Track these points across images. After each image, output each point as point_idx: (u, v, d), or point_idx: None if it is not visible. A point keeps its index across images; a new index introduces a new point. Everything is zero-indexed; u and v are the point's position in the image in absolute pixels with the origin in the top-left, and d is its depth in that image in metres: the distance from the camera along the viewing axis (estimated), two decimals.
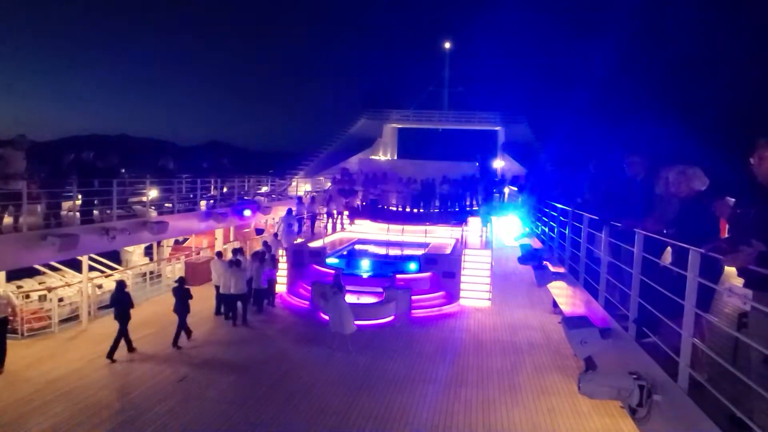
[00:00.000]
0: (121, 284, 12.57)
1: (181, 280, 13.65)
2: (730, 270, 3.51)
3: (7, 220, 9.78)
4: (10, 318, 12.28)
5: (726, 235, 4.46)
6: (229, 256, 16.50)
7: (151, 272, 18.48)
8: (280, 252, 18.60)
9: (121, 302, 12.28)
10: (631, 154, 6.04)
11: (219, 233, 20.92)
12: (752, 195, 3.39)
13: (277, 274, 17.69)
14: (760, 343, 3.02)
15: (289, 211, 20.38)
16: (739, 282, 3.37)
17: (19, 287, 14.31)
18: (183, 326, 13.13)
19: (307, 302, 16.66)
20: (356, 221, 23.63)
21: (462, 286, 17.63)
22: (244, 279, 14.94)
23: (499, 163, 34.40)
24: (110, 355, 11.84)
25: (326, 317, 13.48)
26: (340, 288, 13.09)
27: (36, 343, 12.75)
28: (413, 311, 16.02)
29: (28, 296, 13.91)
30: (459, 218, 22.90)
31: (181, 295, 13.14)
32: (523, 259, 12.02)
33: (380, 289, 16.20)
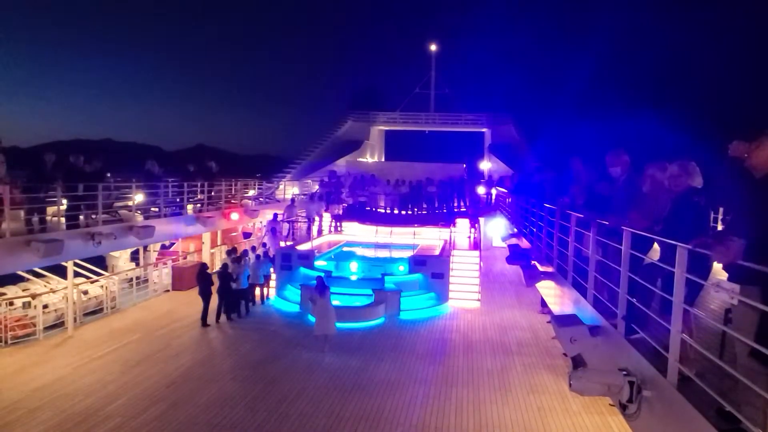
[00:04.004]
0: (203, 266, 15.48)
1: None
2: (718, 265, 3.56)
3: None
4: None
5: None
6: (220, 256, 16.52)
7: (138, 277, 18.27)
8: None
9: (203, 281, 14.72)
10: (612, 156, 6.09)
11: (206, 237, 20.76)
12: (743, 187, 3.44)
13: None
14: (745, 336, 3.07)
15: (275, 216, 20.44)
16: (725, 276, 3.42)
17: (2, 294, 14.07)
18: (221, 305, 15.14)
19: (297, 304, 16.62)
20: (344, 224, 23.60)
21: (451, 287, 17.69)
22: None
23: (485, 165, 34.61)
24: (205, 323, 14.63)
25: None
26: (325, 290, 13.07)
27: (20, 351, 12.53)
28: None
29: (11, 303, 13.68)
30: (447, 220, 22.98)
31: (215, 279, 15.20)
32: (511, 259, 12.12)
33: (370, 291, 16.20)
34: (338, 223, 23.34)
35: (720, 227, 9.31)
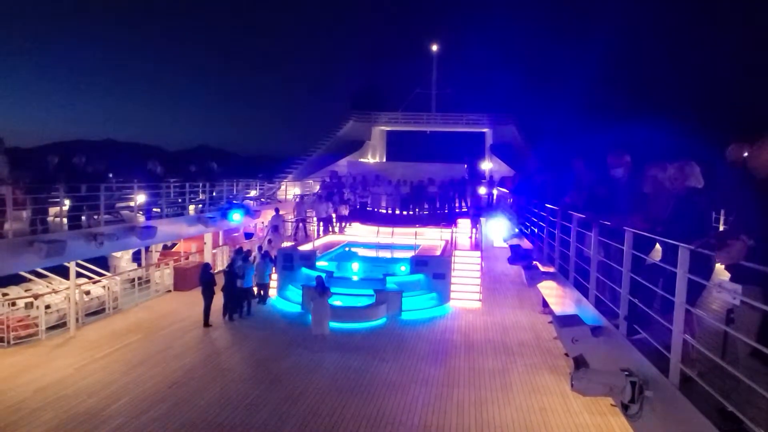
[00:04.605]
0: (206, 266, 15.60)
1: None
2: (720, 265, 3.57)
3: None
4: None
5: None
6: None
7: (139, 278, 18.31)
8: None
9: (206, 281, 14.86)
10: (613, 157, 6.09)
11: (208, 237, 20.79)
12: (746, 189, 3.44)
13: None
14: (747, 337, 3.08)
15: (277, 212, 20.57)
16: (727, 277, 3.42)
17: (4, 294, 14.10)
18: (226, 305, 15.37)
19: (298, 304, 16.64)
20: (347, 224, 23.65)
21: (452, 287, 17.69)
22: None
23: (487, 165, 34.61)
24: (207, 322, 14.74)
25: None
26: (323, 291, 13.08)
27: (23, 351, 12.56)
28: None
29: (14, 303, 13.71)
30: (448, 220, 22.99)
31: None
32: (512, 260, 12.11)
33: (371, 291, 16.21)
34: (343, 224, 23.39)
35: (722, 227, 9.30)
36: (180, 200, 15.70)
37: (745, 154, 3.56)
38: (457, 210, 25.23)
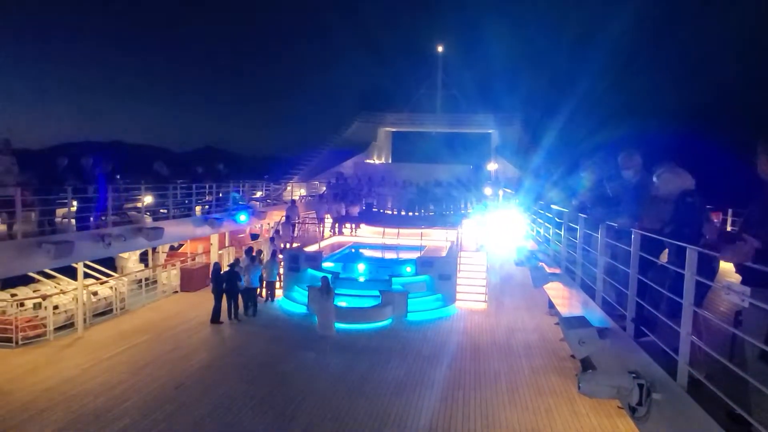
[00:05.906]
0: (216, 265, 16.05)
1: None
2: (727, 267, 3.55)
3: (1, 227, 9.71)
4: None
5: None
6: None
7: (147, 279, 18.40)
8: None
9: (216, 280, 15.32)
10: (624, 158, 6.06)
11: (214, 239, 20.86)
12: (753, 190, 3.43)
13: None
14: (756, 339, 3.06)
15: (293, 203, 20.77)
16: (736, 279, 3.40)
17: (13, 295, 14.20)
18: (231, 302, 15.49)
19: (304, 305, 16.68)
20: (357, 226, 23.73)
21: (458, 288, 17.66)
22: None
23: (493, 166, 34.52)
24: (214, 320, 15.01)
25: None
26: (328, 291, 13.10)
27: (31, 352, 12.65)
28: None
29: (22, 304, 13.81)
30: (454, 221, 22.96)
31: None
32: (519, 261, 12.09)
33: (377, 292, 16.21)
34: (353, 225, 23.47)
35: (729, 228, 9.25)
36: (187, 201, 15.77)
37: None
38: (462, 211, 25.20)
